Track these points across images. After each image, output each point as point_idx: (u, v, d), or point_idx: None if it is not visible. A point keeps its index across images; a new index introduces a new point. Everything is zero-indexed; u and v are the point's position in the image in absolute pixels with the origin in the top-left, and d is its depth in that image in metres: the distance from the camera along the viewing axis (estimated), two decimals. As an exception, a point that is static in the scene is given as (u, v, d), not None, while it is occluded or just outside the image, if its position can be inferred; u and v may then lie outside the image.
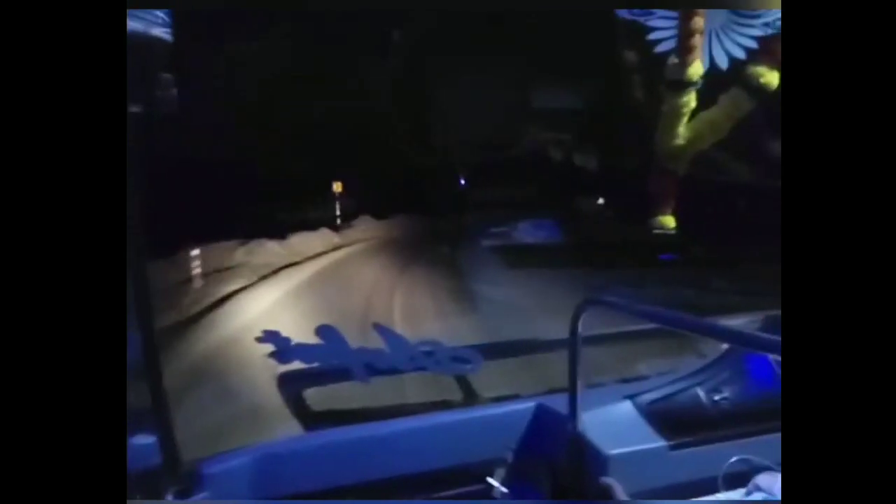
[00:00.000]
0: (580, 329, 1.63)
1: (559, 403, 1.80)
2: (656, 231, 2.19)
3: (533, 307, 2.44)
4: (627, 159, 2.73)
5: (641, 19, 1.95)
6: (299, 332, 1.73)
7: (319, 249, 5.44)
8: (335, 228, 7.14)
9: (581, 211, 3.21)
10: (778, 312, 2.67)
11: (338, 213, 7.42)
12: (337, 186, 7.77)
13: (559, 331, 1.89)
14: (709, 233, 2.80)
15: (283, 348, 1.65)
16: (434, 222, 3.00)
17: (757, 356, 2.44)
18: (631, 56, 2.35)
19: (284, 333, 1.62)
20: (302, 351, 1.67)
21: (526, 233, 2.92)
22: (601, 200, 2.77)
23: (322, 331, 1.74)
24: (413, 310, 2.39)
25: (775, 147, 2.75)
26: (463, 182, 2.94)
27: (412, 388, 2.16)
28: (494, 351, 2.25)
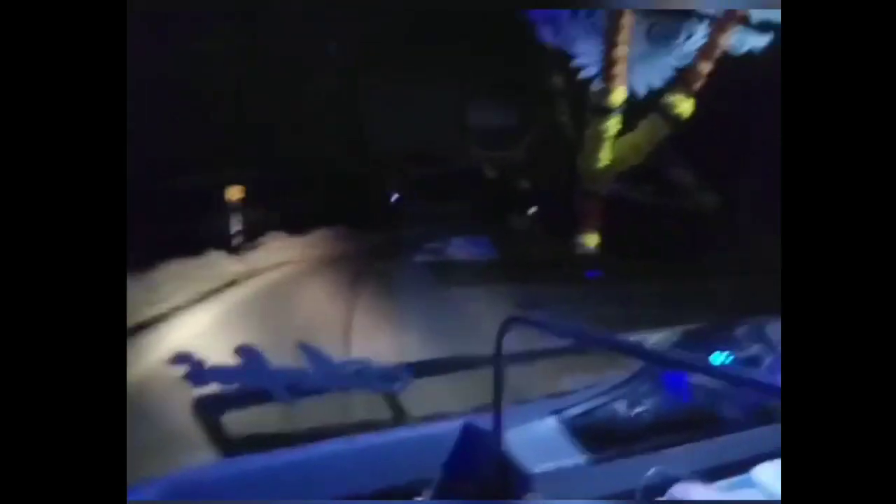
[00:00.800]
0: (504, 347, 1.65)
1: (488, 421, 1.80)
2: (580, 250, 2.27)
3: (463, 324, 2.45)
4: (554, 179, 2.82)
5: (566, 46, 2.04)
6: (222, 355, 1.64)
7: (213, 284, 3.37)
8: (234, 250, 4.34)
9: (512, 228, 3.26)
10: (694, 326, 2.81)
11: (236, 229, 4.69)
12: (234, 193, 4.77)
13: (488, 348, 1.90)
14: (631, 250, 2.92)
15: (196, 371, 1.56)
16: (363, 236, 2.88)
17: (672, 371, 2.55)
18: (558, 81, 2.44)
19: (199, 356, 1.54)
20: (218, 373, 1.59)
21: (459, 249, 2.92)
22: (532, 212, 2.78)
23: (241, 351, 1.67)
24: (341, 328, 2.33)
25: (688, 171, 2.93)
26: (396, 196, 2.89)
27: (339, 408, 2.11)
28: (423, 369, 2.24)
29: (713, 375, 1.49)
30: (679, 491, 1.96)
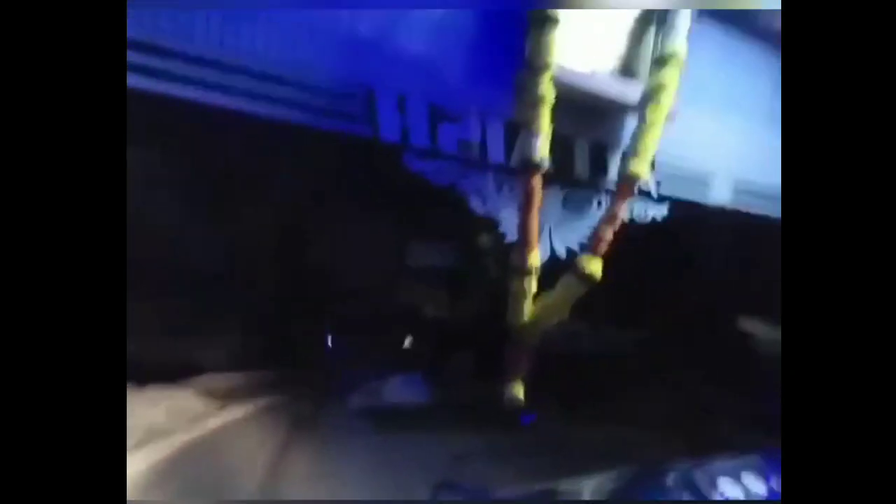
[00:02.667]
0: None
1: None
2: (508, 397, 2.33)
3: (399, 476, 2.40)
4: (487, 326, 2.97)
5: (492, 214, 2.31)
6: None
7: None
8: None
9: (449, 369, 3.28)
10: (632, 469, 2.85)
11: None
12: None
13: (423, 497, 1.87)
14: (561, 397, 3.04)
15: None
16: (297, 378, 2.78)
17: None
18: (485, 241, 2.73)
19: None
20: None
21: (395, 391, 2.89)
22: (408, 342, 2.78)
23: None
24: (270, 480, 2.22)
25: (612, 326, 3.20)
26: (330, 340, 2.86)
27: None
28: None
29: None
30: None
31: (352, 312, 3.06)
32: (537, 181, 2.14)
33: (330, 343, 3.19)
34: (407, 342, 2.95)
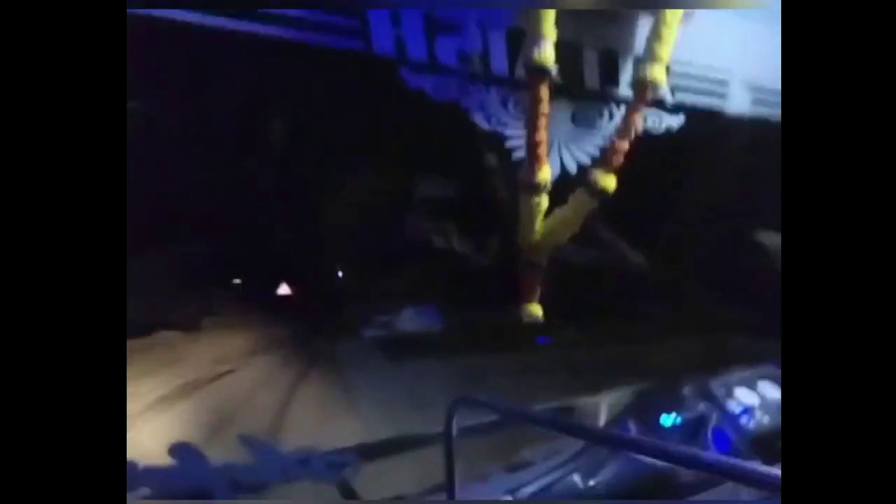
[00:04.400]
0: (454, 428, 1.65)
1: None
2: (526, 320, 2.32)
3: (415, 401, 2.42)
4: (497, 251, 2.92)
5: (499, 129, 2.19)
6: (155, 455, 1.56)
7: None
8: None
9: (461, 297, 3.27)
10: (642, 387, 2.87)
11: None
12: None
13: (440, 424, 1.88)
14: (576, 315, 3.01)
15: (129, 474, 1.47)
16: (309, 315, 2.79)
17: (626, 427, 2.58)
18: (492, 161, 2.59)
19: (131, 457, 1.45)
20: (152, 475, 1.50)
21: (408, 320, 2.89)
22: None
23: (175, 450, 1.59)
24: (288, 414, 2.25)
25: (621, 238, 3.12)
26: (340, 274, 2.85)
27: (288, 500, 2.01)
28: (373, 451, 2.19)
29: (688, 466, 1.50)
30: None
31: (361, 246, 3.00)
32: (545, 92, 2.01)
33: (340, 276, 3.14)
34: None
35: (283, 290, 2.99)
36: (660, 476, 2.24)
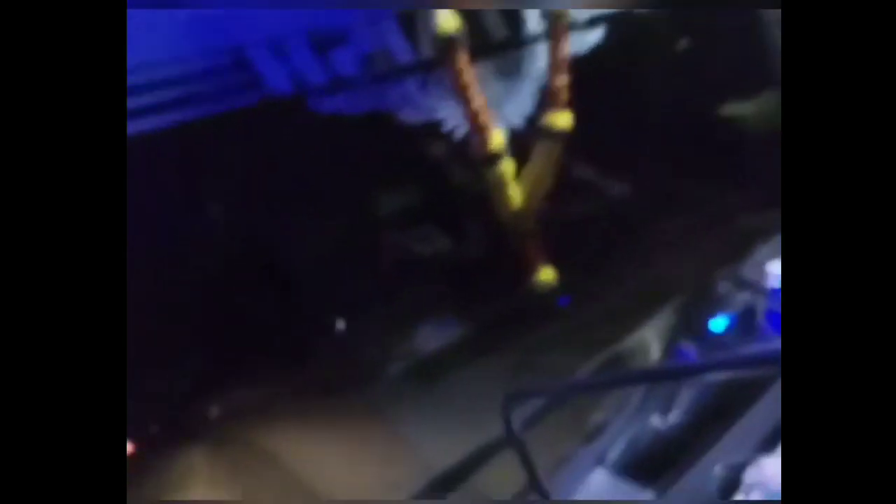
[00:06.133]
0: (516, 425, 1.54)
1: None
2: (542, 289, 2.22)
3: (466, 415, 2.30)
4: (484, 235, 2.80)
5: (430, 116, 2.10)
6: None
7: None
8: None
9: (468, 294, 3.12)
10: (681, 301, 2.76)
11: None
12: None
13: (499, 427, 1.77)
14: (586, 267, 2.90)
15: None
16: (321, 373, 2.60)
17: (680, 350, 2.48)
18: (439, 149, 2.46)
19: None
20: None
21: (426, 339, 2.74)
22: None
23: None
24: (343, 486, 2.13)
25: (597, 173, 3.01)
26: (341, 326, 2.64)
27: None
28: (447, 481, 2.08)
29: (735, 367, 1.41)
30: (753, 475, 1.84)
31: (349, 288, 2.87)
32: (462, 59, 1.90)
33: (341, 326, 3.01)
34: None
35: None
36: (735, 383, 2.13)
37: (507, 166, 1.98)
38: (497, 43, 2.20)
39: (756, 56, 3.03)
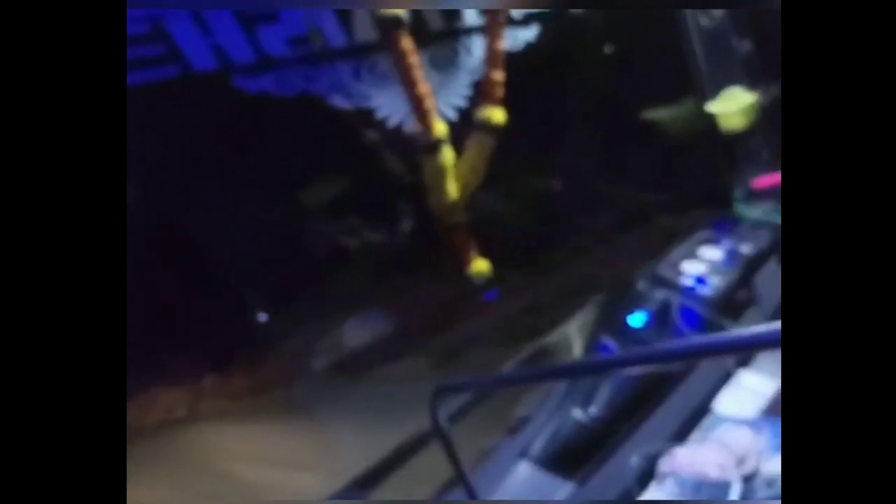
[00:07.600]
0: (442, 419, 1.53)
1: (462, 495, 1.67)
2: (477, 282, 2.22)
3: (394, 410, 2.27)
4: (413, 228, 2.76)
5: (362, 104, 2.03)
6: None
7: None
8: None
9: (395, 288, 3.05)
10: (602, 296, 2.85)
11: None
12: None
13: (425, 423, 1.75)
14: (513, 261, 2.94)
15: None
16: (249, 369, 2.48)
17: (602, 345, 2.56)
18: (370, 137, 2.38)
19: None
20: None
21: (352, 334, 2.66)
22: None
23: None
24: (268, 473, 2.04)
25: (526, 168, 3.05)
26: (263, 316, 2.52)
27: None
28: (376, 476, 2.04)
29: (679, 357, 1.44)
30: (666, 465, 1.93)
31: (271, 279, 2.73)
32: (407, 42, 1.84)
33: (263, 318, 2.88)
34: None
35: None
36: (651, 378, 2.23)
37: (449, 155, 1.95)
38: (434, 33, 2.16)
39: (679, 65, 3.18)
